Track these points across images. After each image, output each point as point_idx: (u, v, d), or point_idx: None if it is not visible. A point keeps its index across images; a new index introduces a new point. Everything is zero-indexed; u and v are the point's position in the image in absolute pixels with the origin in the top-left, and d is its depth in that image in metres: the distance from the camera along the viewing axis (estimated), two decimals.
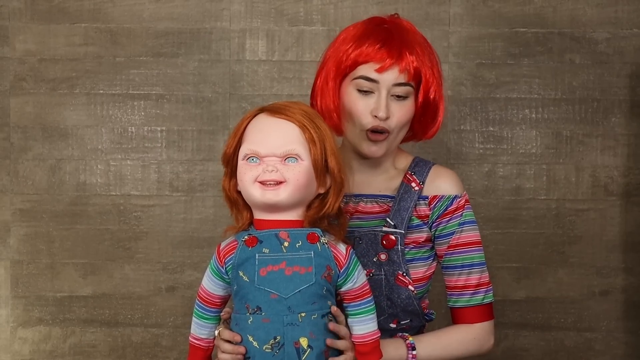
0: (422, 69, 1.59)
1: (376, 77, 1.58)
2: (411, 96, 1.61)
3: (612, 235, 2.54)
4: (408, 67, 1.57)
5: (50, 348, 2.57)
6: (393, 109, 1.59)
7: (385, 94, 1.58)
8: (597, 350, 2.55)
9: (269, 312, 1.35)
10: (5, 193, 2.55)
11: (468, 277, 1.64)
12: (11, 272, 2.56)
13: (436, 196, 1.64)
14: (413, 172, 1.67)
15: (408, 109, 1.61)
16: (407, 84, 1.59)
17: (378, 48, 1.58)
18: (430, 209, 1.64)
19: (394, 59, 1.57)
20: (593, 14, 2.51)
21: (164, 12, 2.54)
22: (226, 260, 1.39)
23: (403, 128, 1.63)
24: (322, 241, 1.39)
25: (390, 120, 1.58)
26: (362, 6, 2.52)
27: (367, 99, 1.59)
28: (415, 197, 1.63)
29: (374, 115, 1.58)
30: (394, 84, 1.58)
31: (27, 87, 2.54)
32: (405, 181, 1.65)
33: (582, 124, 2.53)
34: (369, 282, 1.48)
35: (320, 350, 1.36)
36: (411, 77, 1.58)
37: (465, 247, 1.64)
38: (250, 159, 1.38)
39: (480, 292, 1.64)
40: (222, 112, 2.54)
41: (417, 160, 1.70)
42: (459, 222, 1.63)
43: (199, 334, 1.48)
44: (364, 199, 1.66)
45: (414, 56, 1.58)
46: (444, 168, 1.70)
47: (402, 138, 1.66)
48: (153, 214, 2.56)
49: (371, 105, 1.58)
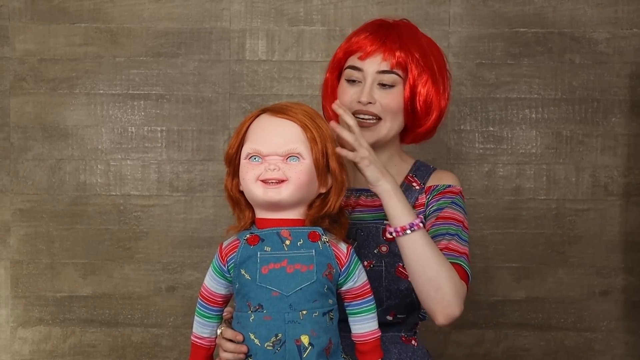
0: (407, 60, 1.60)
1: (360, 65, 1.62)
2: (399, 85, 1.62)
3: (612, 235, 2.54)
4: (392, 54, 1.60)
5: (50, 348, 2.57)
6: (378, 95, 1.61)
7: (371, 81, 1.61)
8: (597, 350, 2.55)
9: (270, 310, 1.35)
10: (5, 193, 2.55)
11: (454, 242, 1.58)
12: (11, 272, 2.56)
13: (432, 185, 1.66)
14: (415, 175, 1.68)
15: (394, 97, 1.62)
16: (392, 72, 1.61)
17: (364, 38, 1.63)
18: (426, 196, 1.65)
19: (376, 46, 1.61)
20: (593, 14, 2.52)
21: (164, 12, 2.54)
22: (228, 259, 1.40)
23: (395, 117, 1.63)
24: (323, 240, 1.41)
25: (376, 106, 1.60)
26: (362, 6, 2.52)
27: (355, 87, 1.63)
28: (416, 195, 1.65)
29: (358, 102, 1.60)
30: (378, 71, 1.61)
31: (27, 87, 2.54)
32: (407, 181, 1.67)
33: (582, 124, 2.53)
34: (369, 274, 1.49)
35: (322, 348, 1.37)
36: (395, 65, 1.60)
37: (453, 220, 1.61)
38: (253, 157, 1.39)
39: (463, 257, 1.57)
40: (222, 112, 2.54)
41: (418, 164, 1.72)
42: (451, 201, 1.63)
43: (201, 333, 1.49)
44: (365, 193, 1.66)
45: (398, 45, 1.61)
46: (445, 171, 1.72)
47: (397, 130, 1.65)
48: (153, 214, 2.56)
49: (356, 94, 1.62)
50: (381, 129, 1.62)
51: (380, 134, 1.63)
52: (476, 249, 2.48)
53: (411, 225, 1.48)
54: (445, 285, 1.49)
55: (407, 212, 1.49)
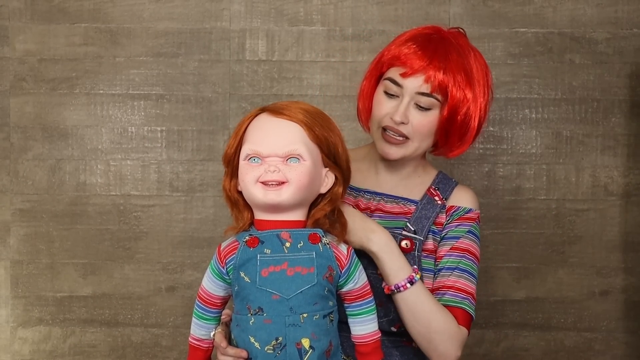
0: (449, 85, 1.55)
1: (401, 81, 1.58)
2: (435, 109, 1.58)
3: (612, 235, 2.54)
4: (434, 78, 1.55)
5: (50, 348, 2.57)
6: (412, 116, 1.58)
7: (408, 100, 1.57)
8: (597, 350, 2.55)
9: (270, 313, 1.34)
10: (5, 193, 2.55)
11: (462, 280, 1.60)
12: (11, 272, 2.56)
13: (453, 206, 1.66)
14: (437, 188, 1.67)
15: (429, 121, 1.59)
16: (431, 96, 1.56)
17: (412, 52, 1.57)
18: (446, 217, 1.65)
19: (421, 64, 1.55)
20: (593, 14, 2.51)
21: (164, 12, 2.53)
22: (227, 261, 1.38)
23: (425, 139, 1.61)
24: (323, 242, 1.39)
25: (407, 127, 1.58)
26: (362, 6, 2.52)
27: (391, 101, 1.59)
28: (437, 210, 1.64)
29: (391, 119, 1.58)
30: (417, 92, 1.57)
31: (27, 87, 2.54)
32: (429, 194, 1.67)
33: (582, 124, 2.53)
34: (377, 288, 1.49)
35: (322, 351, 1.36)
36: (436, 89, 1.56)
37: (466, 253, 1.62)
38: (252, 159, 1.37)
39: (468, 299, 1.60)
40: (222, 112, 2.54)
41: (441, 177, 1.71)
42: (468, 230, 1.64)
43: (198, 335, 1.48)
44: (385, 198, 1.66)
45: (442, 69, 1.55)
46: (466, 188, 1.71)
47: (424, 149, 1.64)
48: (153, 214, 2.55)
49: (393, 109, 1.58)
50: (408, 147, 1.61)
51: (407, 152, 1.62)
52: None
53: (397, 286, 1.51)
54: (436, 338, 1.52)
55: (394, 271, 1.51)
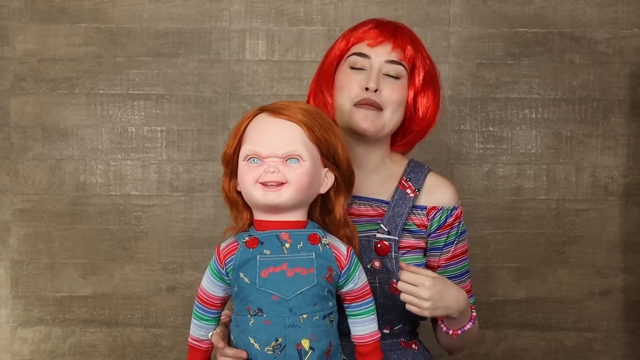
0: (417, 56, 1.58)
1: (368, 51, 1.57)
2: (403, 79, 1.58)
3: (612, 235, 2.54)
4: (401, 46, 1.57)
5: (50, 348, 2.57)
6: (384, 85, 1.56)
7: (377, 69, 1.56)
8: (597, 350, 2.55)
9: (270, 314, 1.33)
10: (5, 193, 2.55)
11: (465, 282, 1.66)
12: (11, 272, 2.56)
13: (435, 207, 1.61)
14: (408, 178, 1.61)
15: (399, 89, 1.57)
16: (399, 63, 1.57)
17: (371, 28, 1.59)
18: (428, 220, 1.60)
19: (385, 36, 1.57)
20: (593, 14, 2.51)
21: (164, 12, 2.53)
22: (226, 262, 1.38)
23: (396, 110, 1.58)
24: (323, 242, 1.39)
25: (381, 95, 1.55)
26: (362, 6, 2.52)
27: (359, 74, 1.57)
28: (410, 204, 1.58)
29: (364, 88, 1.54)
30: (386, 60, 1.56)
31: (27, 87, 2.54)
32: (400, 187, 1.60)
33: (582, 124, 2.53)
34: None
35: (322, 351, 1.35)
36: (404, 57, 1.57)
37: (461, 256, 1.64)
38: (251, 159, 1.36)
39: (471, 297, 1.67)
40: (222, 112, 2.54)
41: (412, 165, 1.65)
42: (457, 233, 1.63)
43: (198, 335, 1.48)
44: (357, 201, 1.61)
45: (408, 40, 1.58)
46: (440, 177, 1.65)
47: (394, 123, 1.59)
48: (153, 214, 2.55)
49: (362, 80, 1.56)
50: (383, 123, 1.56)
51: (384, 129, 1.57)
52: (476, 249, 2.48)
53: (463, 330, 1.57)
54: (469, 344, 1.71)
55: (463, 320, 1.56)
